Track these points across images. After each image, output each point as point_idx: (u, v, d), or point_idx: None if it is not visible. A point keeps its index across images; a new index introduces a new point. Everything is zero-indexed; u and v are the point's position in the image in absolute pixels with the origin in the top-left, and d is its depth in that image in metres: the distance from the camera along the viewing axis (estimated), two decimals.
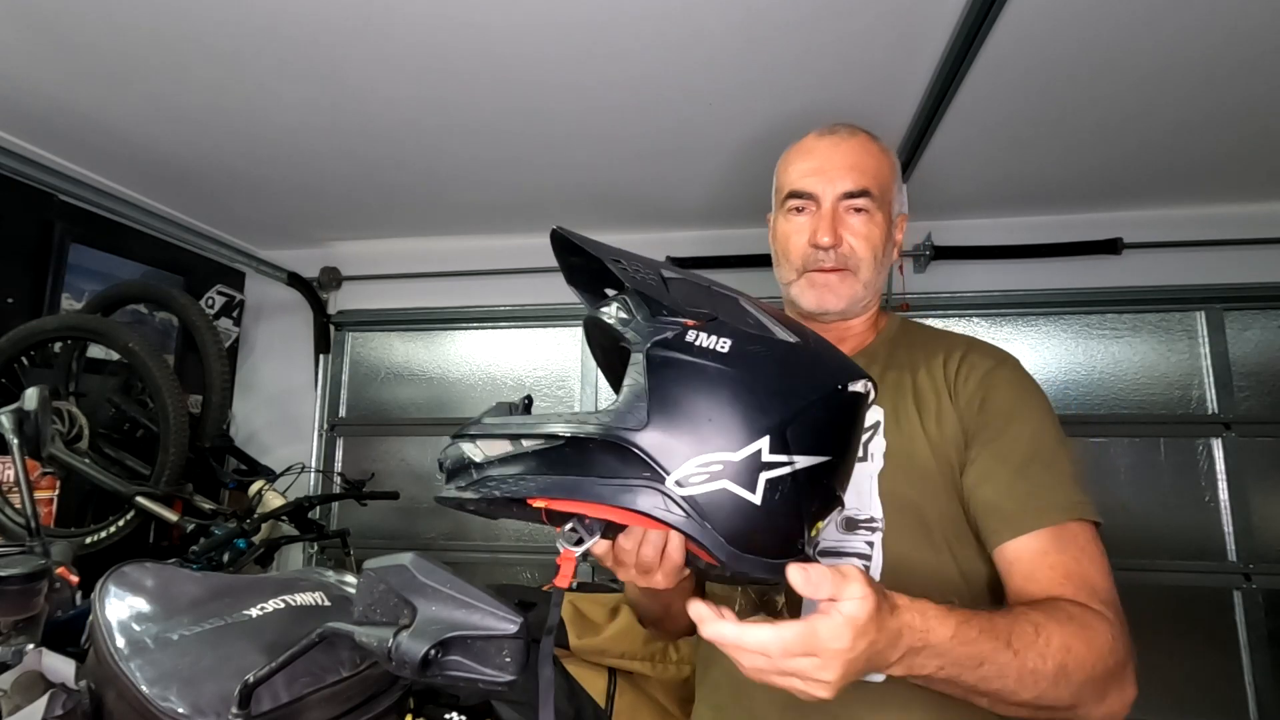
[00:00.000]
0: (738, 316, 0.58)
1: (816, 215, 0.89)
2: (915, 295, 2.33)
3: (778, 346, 0.57)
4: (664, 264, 0.62)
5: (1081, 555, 0.73)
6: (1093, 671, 0.65)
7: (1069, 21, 1.32)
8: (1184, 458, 2.18)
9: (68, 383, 2.06)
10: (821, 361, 0.59)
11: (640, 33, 1.38)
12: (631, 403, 0.53)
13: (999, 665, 0.61)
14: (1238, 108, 1.63)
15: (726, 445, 0.52)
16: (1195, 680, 2.07)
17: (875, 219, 0.88)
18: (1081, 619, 0.67)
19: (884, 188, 0.90)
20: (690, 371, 0.54)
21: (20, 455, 0.86)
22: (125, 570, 0.64)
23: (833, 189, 0.88)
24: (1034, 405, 0.82)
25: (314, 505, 2.02)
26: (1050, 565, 0.72)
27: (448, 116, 1.73)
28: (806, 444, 0.54)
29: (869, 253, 0.88)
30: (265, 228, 2.58)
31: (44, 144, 1.88)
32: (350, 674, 0.59)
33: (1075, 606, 0.68)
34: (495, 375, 2.66)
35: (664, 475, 0.52)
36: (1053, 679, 0.63)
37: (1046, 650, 0.63)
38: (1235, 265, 2.19)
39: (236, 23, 1.36)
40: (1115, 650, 0.67)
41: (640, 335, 0.55)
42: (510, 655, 0.46)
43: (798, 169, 0.91)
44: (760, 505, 0.53)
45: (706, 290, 0.60)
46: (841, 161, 0.89)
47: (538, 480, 0.54)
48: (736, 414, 0.53)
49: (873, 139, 0.94)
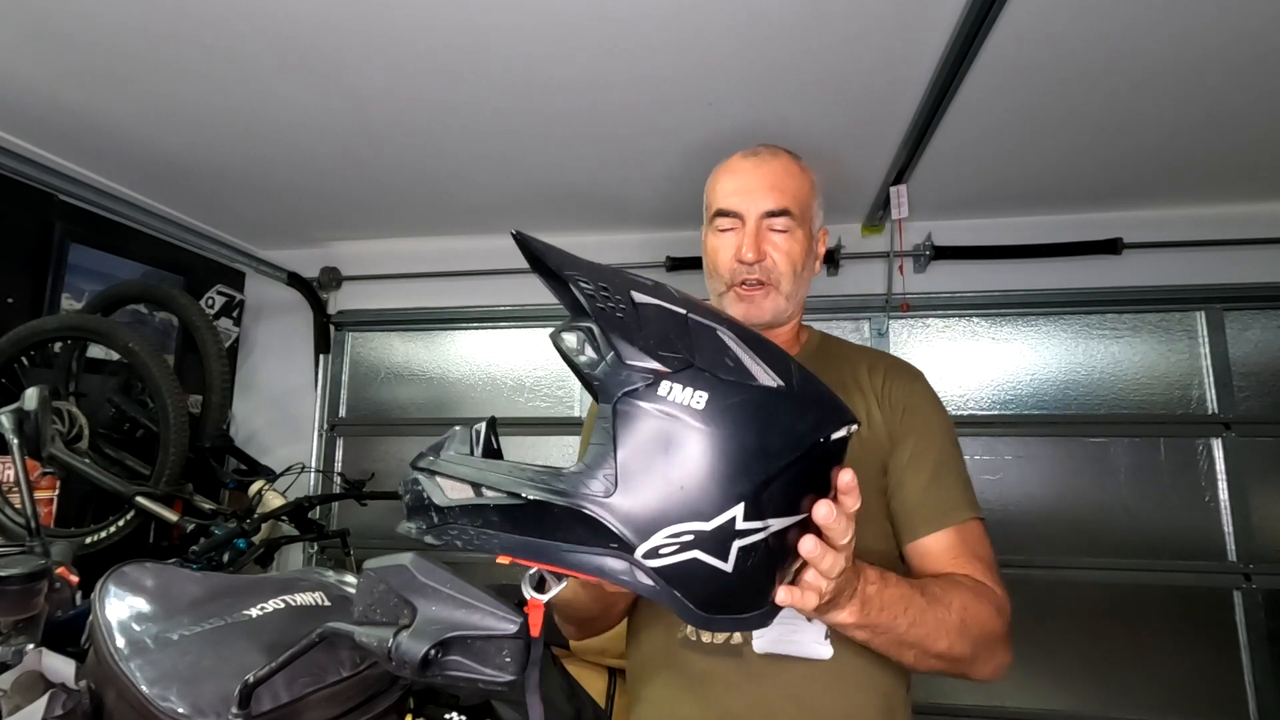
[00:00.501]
0: (716, 357, 0.52)
1: (741, 232, 0.95)
2: (915, 295, 2.33)
3: (758, 395, 0.51)
4: (635, 280, 0.55)
5: (978, 546, 0.88)
6: (985, 629, 0.78)
7: (1069, 22, 1.32)
8: (1184, 458, 2.18)
9: (68, 383, 2.06)
10: (805, 409, 0.53)
11: (640, 34, 1.38)
12: (598, 465, 0.49)
13: (918, 609, 0.72)
14: (1237, 108, 1.63)
15: (698, 515, 0.49)
16: (1195, 680, 2.07)
17: (796, 235, 0.96)
18: (974, 588, 0.81)
19: (804, 206, 0.97)
20: (661, 432, 0.49)
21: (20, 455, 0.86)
22: (125, 570, 0.64)
23: (756, 208, 0.95)
24: (943, 419, 0.96)
25: (314, 505, 2.02)
26: (954, 556, 0.86)
27: (447, 117, 1.73)
28: (783, 506, 0.52)
29: (789, 267, 0.95)
30: (265, 228, 2.58)
31: (44, 144, 1.88)
32: (350, 674, 0.59)
33: (968, 579, 0.82)
34: (495, 375, 2.66)
35: (632, 546, 0.49)
36: (958, 630, 0.75)
37: (951, 605, 0.76)
38: (1235, 265, 2.19)
39: (237, 23, 1.36)
40: (1000, 616, 0.80)
41: (608, 383, 0.50)
42: (510, 655, 0.46)
43: (724, 188, 0.98)
44: (732, 572, 0.51)
45: (683, 322, 0.53)
46: (763, 182, 0.95)
47: (501, 539, 0.51)
48: (710, 481, 0.49)
49: (794, 159, 1.00)
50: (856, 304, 2.40)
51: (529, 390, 2.63)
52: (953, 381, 2.35)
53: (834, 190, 2.16)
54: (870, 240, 2.42)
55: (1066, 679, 2.14)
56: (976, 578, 0.83)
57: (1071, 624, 2.15)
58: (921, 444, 0.92)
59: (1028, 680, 2.15)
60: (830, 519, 0.54)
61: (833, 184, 2.12)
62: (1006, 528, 2.22)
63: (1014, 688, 2.15)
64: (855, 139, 1.82)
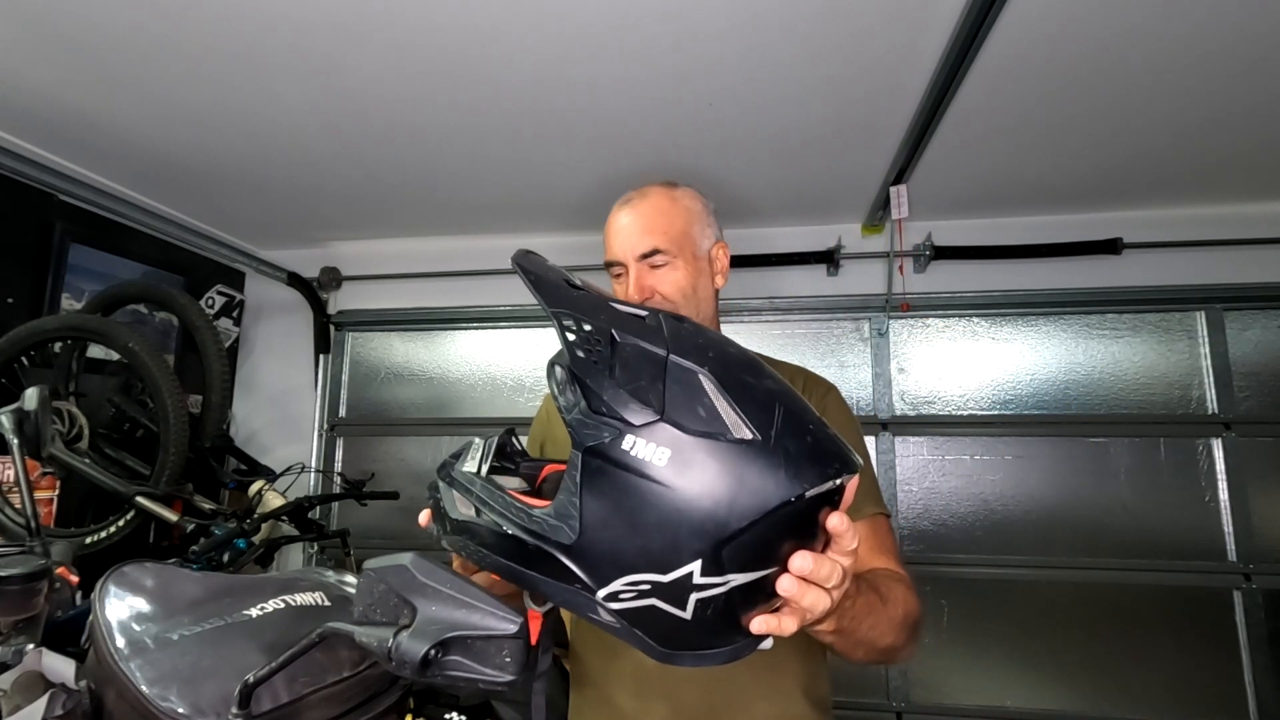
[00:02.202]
0: (688, 406, 0.50)
1: (627, 279, 1.02)
2: (915, 295, 2.33)
3: (725, 451, 0.49)
4: (622, 316, 0.54)
5: (887, 539, 0.95)
6: (914, 618, 0.85)
7: (1069, 22, 1.32)
8: (1184, 458, 2.18)
9: (68, 383, 2.06)
10: (779, 463, 0.50)
11: (640, 34, 1.38)
12: (565, 511, 0.51)
13: (877, 613, 0.76)
14: (1237, 109, 1.63)
15: (654, 568, 0.49)
16: (1195, 680, 2.07)
17: (675, 265, 1.01)
18: (903, 580, 0.88)
19: (677, 238, 1.02)
20: (621, 487, 0.50)
21: (20, 455, 0.86)
22: (125, 570, 0.64)
23: (632, 253, 1.01)
24: (856, 425, 1.03)
25: (314, 505, 2.02)
26: (869, 548, 0.93)
27: (448, 117, 1.73)
28: (744, 562, 0.50)
29: (678, 296, 1.01)
30: (265, 228, 2.58)
31: (44, 144, 1.88)
32: (350, 674, 0.59)
33: (895, 574, 0.89)
34: (495, 375, 2.66)
35: (593, 589, 0.51)
36: (901, 624, 0.80)
37: (897, 602, 0.81)
38: (1235, 265, 2.19)
39: (237, 23, 1.36)
40: (919, 604, 0.87)
41: (578, 431, 0.51)
42: (510, 655, 0.46)
43: (608, 241, 1.05)
44: (691, 620, 0.50)
45: (661, 365, 0.52)
46: (634, 228, 1.01)
47: (490, 560, 0.55)
48: (665, 538, 0.49)
49: (665, 191, 1.05)
50: (856, 304, 2.40)
51: (529, 390, 2.63)
52: (953, 381, 2.35)
53: (834, 190, 2.16)
54: (870, 240, 2.42)
55: (1066, 679, 2.14)
56: (896, 570, 0.90)
57: (1071, 624, 2.15)
58: None
59: (1028, 680, 2.15)
60: (807, 571, 0.52)
61: (833, 184, 2.12)
62: (1007, 528, 2.22)
63: (1014, 688, 2.16)
64: (855, 139, 1.82)
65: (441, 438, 2.66)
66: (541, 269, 0.58)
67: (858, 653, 0.78)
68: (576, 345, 0.52)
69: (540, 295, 0.55)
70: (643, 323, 0.55)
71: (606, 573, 0.50)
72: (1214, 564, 2.11)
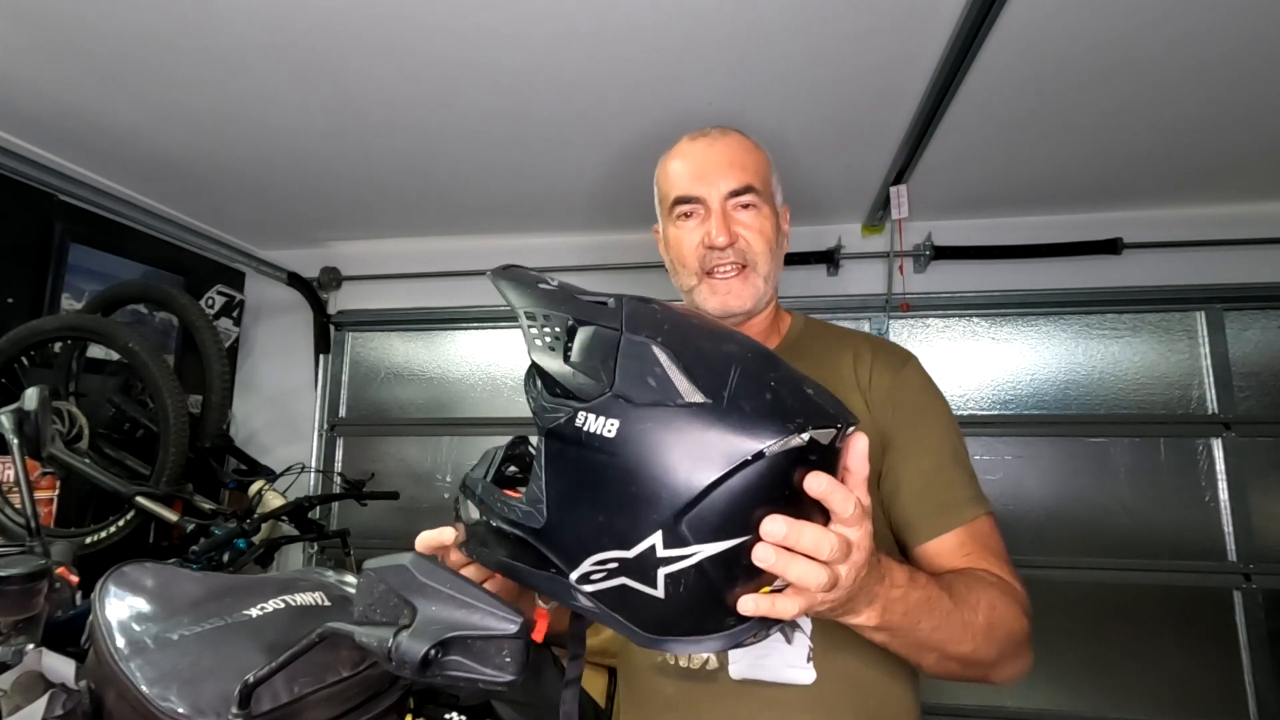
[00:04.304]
0: (638, 378, 0.49)
1: (706, 217, 0.89)
2: (915, 295, 2.33)
3: (674, 416, 0.47)
4: (582, 306, 0.55)
5: (989, 541, 0.80)
6: (1011, 630, 0.71)
7: (1069, 22, 1.32)
8: (1184, 458, 2.18)
9: (68, 383, 2.06)
10: (732, 423, 0.47)
11: (640, 36, 1.38)
12: (534, 497, 0.51)
13: (943, 612, 0.65)
14: (1237, 109, 1.63)
15: (619, 544, 0.48)
16: (1195, 680, 2.07)
17: (764, 212, 0.90)
18: (999, 585, 0.73)
19: (765, 182, 0.92)
20: (577, 464, 0.50)
21: (20, 455, 0.86)
22: (125, 570, 0.64)
23: (718, 189, 0.88)
24: (939, 407, 0.88)
25: (314, 505, 2.02)
26: (966, 555, 0.78)
27: (447, 118, 1.73)
28: (708, 532, 0.47)
29: (764, 245, 0.89)
30: (265, 228, 2.58)
31: (44, 144, 1.88)
32: (350, 674, 0.59)
33: (992, 576, 0.75)
34: (495, 375, 2.66)
35: (565, 572, 0.51)
36: (984, 633, 0.68)
37: (978, 605, 0.68)
38: (1235, 265, 2.19)
39: (237, 24, 1.36)
40: (1026, 616, 0.73)
41: (539, 418, 0.52)
42: (510, 655, 0.46)
43: (679, 175, 0.91)
44: (665, 599, 0.49)
45: (614, 344, 0.51)
46: (721, 161, 0.89)
47: (489, 558, 0.57)
48: (623, 510, 0.48)
49: (745, 136, 0.94)
50: (856, 304, 2.40)
51: None
52: (953, 381, 2.35)
53: (834, 190, 2.16)
54: (870, 240, 2.42)
55: (1066, 679, 2.14)
56: (998, 573, 0.76)
57: (1072, 624, 2.15)
58: (914, 440, 0.84)
59: (1028, 680, 2.15)
60: (779, 537, 0.47)
61: (833, 184, 2.12)
62: (1006, 528, 2.20)
63: (1014, 688, 2.15)
64: (855, 139, 1.82)
65: (441, 438, 2.66)
66: (513, 277, 0.59)
67: (926, 659, 0.68)
68: (535, 335, 0.54)
69: (507, 299, 0.57)
70: (603, 308, 0.55)
71: (575, 554, 0.50)
72: (1214, 564, 2.11)
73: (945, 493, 0.82)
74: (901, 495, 0.83)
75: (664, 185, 0.95)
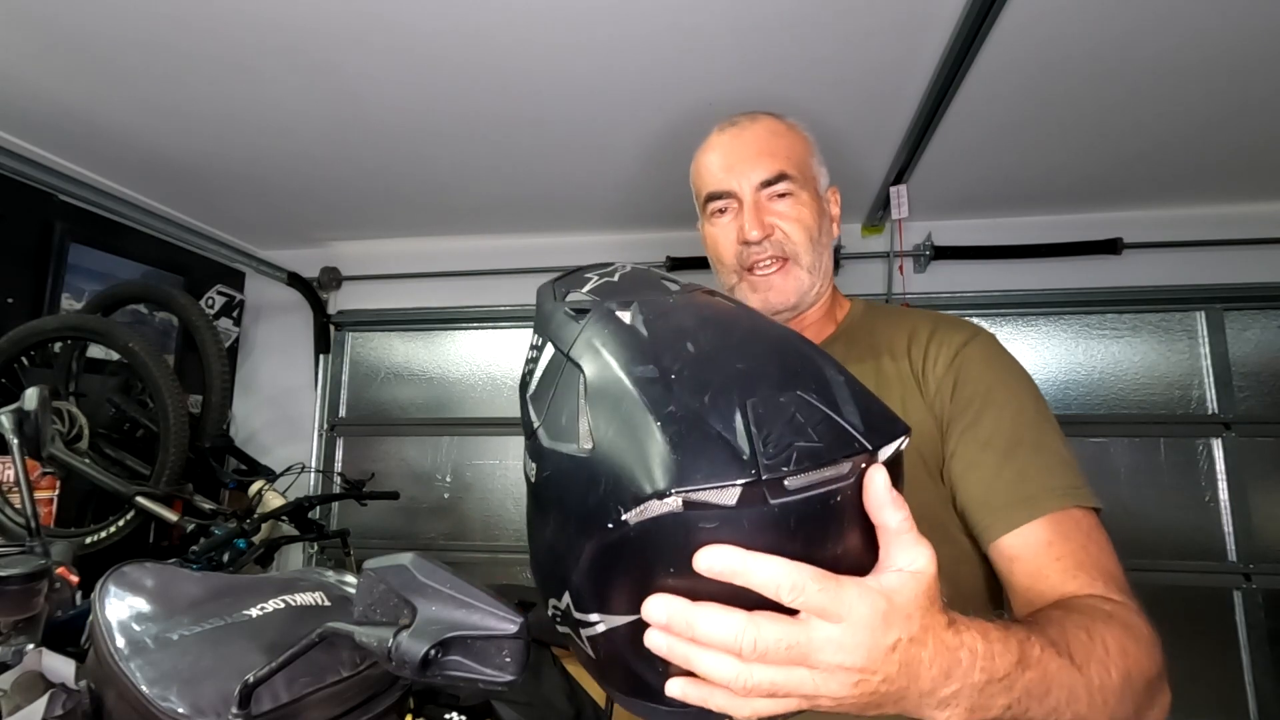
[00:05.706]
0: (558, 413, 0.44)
1: (739, 212, 0.84)
2: (915, 295, 2.33)
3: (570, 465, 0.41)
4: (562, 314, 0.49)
5: (1088, 543, 0.64)
6: (1149, 674, 0.55)
7: (1069, 23, 1.32)
8: (1184, 458, 2.18)
9: (68, 383, 2.06)
10: (598, 479, 0.38)
11: (640, 35, 1.38)
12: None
13: (1068, 689, 0.48)
14: (1238, 109, 1.63)
15: (552, 592, 0.45)
16: (1195, 680, 2.07)
17: (801, 199, 0.85)
18: (1122, 616, 0.56)
19: (802, 165, 0.86)
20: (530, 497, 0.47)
21: (20, 455, 0.86)
22: (125, 570, 0.64)
23: (748, 181, 0.84)
24: (1012, 382, 0.73)
25: (314, 505, 2.02)
26: (1056, 558, 0.62)
27: (448, 118, 1.73)
28: (602, 604, 0.41)
29: (804, 235, 0.84)
30: (265, 228, 2.58)
31: (44, 144, 1.88)
32: (350, 674, 0.59)
33: (1107, 602, 0.58)
34: (495, 375, 2.66)
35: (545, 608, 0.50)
36: (1119, 692, 0.51)
37: (1107, 659, 0.51)
38: (1235, 265, 2.19)
39: (238, 24, 1.36)
40: (1156, 645, 0.57)
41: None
42: (510, 655, 0.46)
43: (710, 170, 0.87)
44: (601, 661, 0.45)
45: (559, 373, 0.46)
46: (749, 150, 0.85)
47: None
48: (548, 558, 0.44)
49: (778, 119, 0.89)
50: None
51: None
52: None
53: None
54: (870, 240, 2.42)
55: None
56: (1106, 593, 0.60)
57: None
58: (982, 420, 0.70)
59: None
60: (661, 622, 0.37)
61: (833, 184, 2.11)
62: None
63: None
64: (855, 139, 1.82)
65: (441, 438, 2.66)
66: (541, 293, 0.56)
67: None
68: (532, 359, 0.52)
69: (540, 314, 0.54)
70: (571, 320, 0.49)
71: (543, 591, 0.49)
72: (1214, 564, 2.11)
73: (1019, 478, 0.67)
74: (968, 482, 0.69)
75: (697, 182, 0.91)
